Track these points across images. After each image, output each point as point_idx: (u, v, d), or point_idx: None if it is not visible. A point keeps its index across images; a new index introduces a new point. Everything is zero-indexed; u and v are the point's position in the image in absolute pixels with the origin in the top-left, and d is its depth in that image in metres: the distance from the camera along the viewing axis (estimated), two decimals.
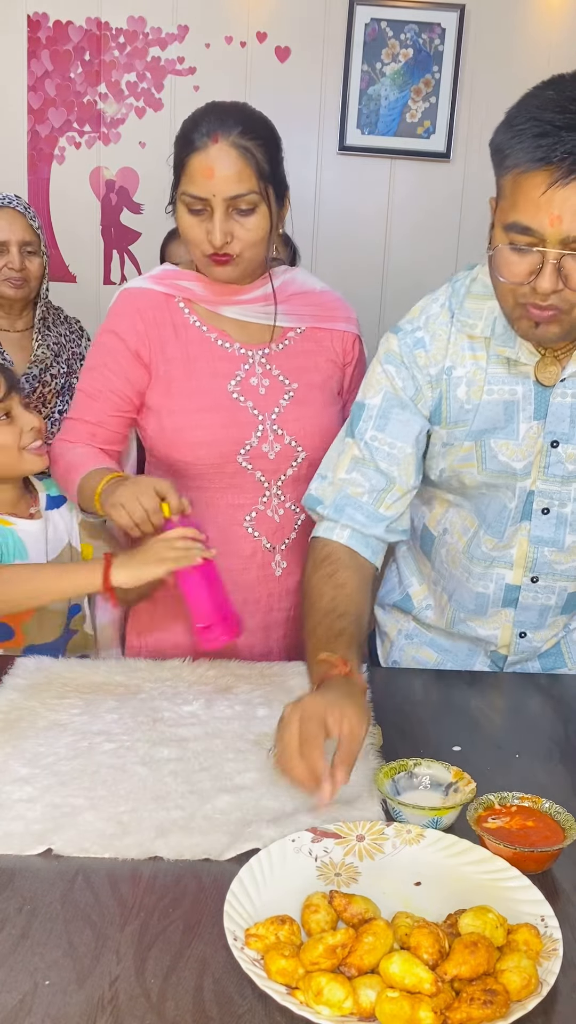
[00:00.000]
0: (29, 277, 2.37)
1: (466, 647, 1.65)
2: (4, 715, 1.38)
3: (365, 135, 3.55)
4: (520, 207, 1.20)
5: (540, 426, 1.42)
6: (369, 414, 1.47)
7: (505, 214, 1.23)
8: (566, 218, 1.17)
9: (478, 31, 3.46)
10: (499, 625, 1.59)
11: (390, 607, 1.75)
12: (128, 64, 3.52)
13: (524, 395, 1.42)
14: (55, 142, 3.57)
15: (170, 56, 3.51)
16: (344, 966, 0.88)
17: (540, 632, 1.59)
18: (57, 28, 3.48)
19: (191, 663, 1.57)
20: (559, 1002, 0.88)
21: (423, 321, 1.45)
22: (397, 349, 1.46)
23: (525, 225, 1.20)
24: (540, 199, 1.18)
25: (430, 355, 1.43)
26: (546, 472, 1.44)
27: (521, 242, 1.22)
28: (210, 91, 3.54)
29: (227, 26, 3.49)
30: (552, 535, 1.48)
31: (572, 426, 1.42)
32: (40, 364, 2.40)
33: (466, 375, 1.43)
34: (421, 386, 1.44)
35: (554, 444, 1.43)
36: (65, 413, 2.01)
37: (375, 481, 1.46)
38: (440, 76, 3.48)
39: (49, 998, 0.87)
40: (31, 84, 3.52)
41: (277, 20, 3.50)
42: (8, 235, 2.35)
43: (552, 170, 1.16)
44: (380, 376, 1.47)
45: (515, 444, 1.43)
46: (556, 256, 1.20)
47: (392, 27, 3.45)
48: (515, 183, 1.21)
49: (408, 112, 3.53)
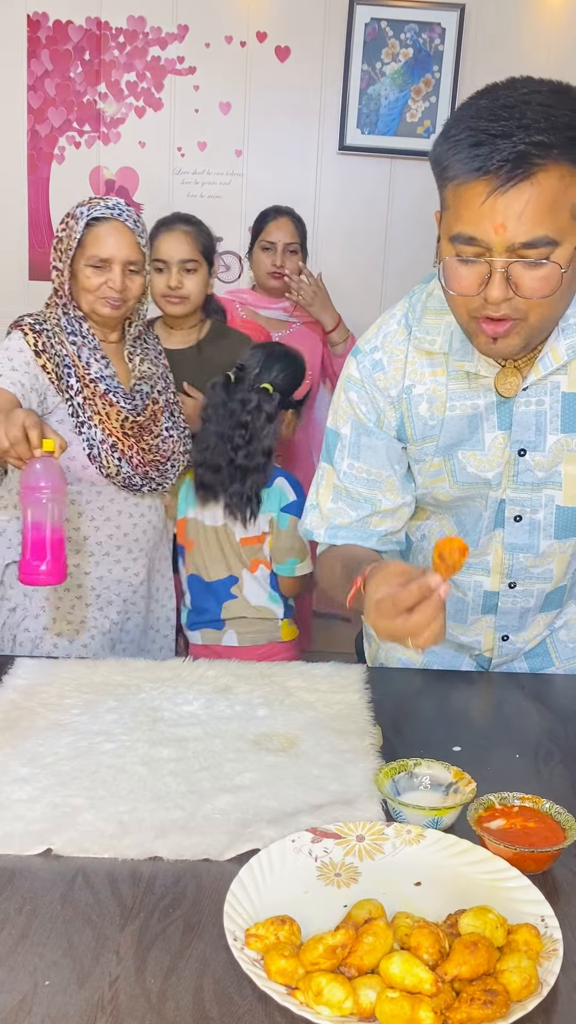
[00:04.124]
0: (128, 297, 2.03)
1: (452, 648, 1.66)
2: (4, 715, 1.38)
3: (365, 135, 3.55)
4: (464, 218, 1.19)
5: (506, 436, 1.41)
6: (343, 444, 1.48)
7: (450, 226, 1.22)
8: (510, 225, 1.16)
9: (478, 31, 3.46)
10: (481, 631, 1.59)
11: None
12: (128, 64, 3.52)
13: (487, 407, 1.40)
14: (55, 142, 3.58)
15: (170, 56, 3.51)
16: (344, 966, 0.88)
17: (522, 633, 1.59)
18: (57, 28, 3.48)
19: (191, 663, 1.57)
20: (559, 1002, 0.88)
21: (380, 341, 1.45)
22: (357, 374, 1.45)
23: (470, 235, 1.19)
24: (482, 208, 1.16)
25: (388, 376, 1.43)
26: (515, 480, 1.44)
27: (467, 253, 1.20)
28: (210, 91, 3.55)
29: (227, 26, 3.50)
30: (526, 541, 1.48)
31: (538, 434, 1.40)
32: (149, 380, 2.12)
33: (426, 392, 1.42)
34: (383, 409, 1.44)
35: (521, 452, 1.42)
36: (171, 431, 2.12)
37: (360, 509, 1.49)
38: (440, 76, 3.49)
39: (49, 998, 0.87)
40: (31, 84, 3.52)
41: (277, 20, 3.50)
42: (113, 251, 1.99)
43: (491, 179, 1.15)
44: (345, 405, 1.48)
45: (483, 455, 1.43)
46: (503, 264, 1.18)
47: (392, 27, 3.45)
48: (456, 194, 1.20)
49: (408, 112, 3.53)
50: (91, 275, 1.94)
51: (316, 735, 1.35)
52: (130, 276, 1.97)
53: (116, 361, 2.07)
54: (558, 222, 1.16)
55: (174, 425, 2.16)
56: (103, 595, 2.08)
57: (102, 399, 1.97)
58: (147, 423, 2.06)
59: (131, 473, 1.99)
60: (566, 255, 1.18)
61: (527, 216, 1.15)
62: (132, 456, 1.99)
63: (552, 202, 1.15)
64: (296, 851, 1.05)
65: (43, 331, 1.93)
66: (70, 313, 1.98)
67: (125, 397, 2.02)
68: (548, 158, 1.13)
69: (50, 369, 1.90)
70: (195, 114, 3.56)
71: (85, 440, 1.94)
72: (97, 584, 2.07)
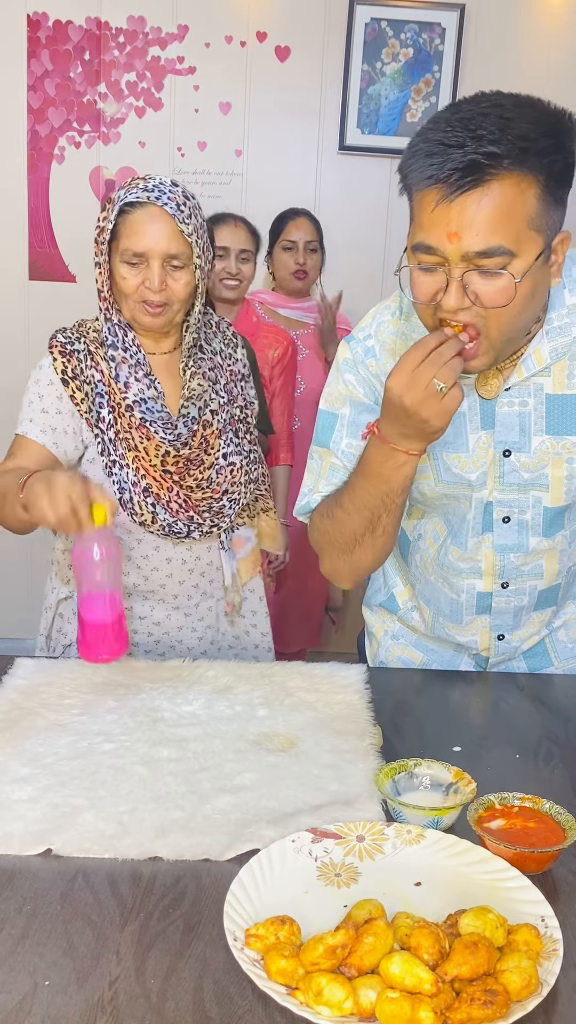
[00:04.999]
0: (171, 300, 1.65)
1: (451, 647, 1.66)
2: (4, 715, 1.38)
3: (365, 135, 3.55)
4: (423, 227, 1.20)
5: (489, 436, 1.41)
6: (342, 423, 1.48)
7: (412, 235, 1.23)
8: (464, 235, 1.17)
9: (478, 31, 3.46)
10: (476, 632, 1.59)
11: (376, 607, 1.76)
12: (128, 64, 3.52)
13: (469, 406, 1.41)
14: (55, 142, 3.58)
15: (170, 56, 3.51)
16: (344, 966, 0.88)
17: (518, 632, 1.59)
18: (57, 28, 3.48)
19: (191, 663, 1.57)
20: (559, 1002, 0.88)
21: (374, 329, 1.46)
22: (351, 356, 1.47)
23: (428, 244, 1.20)
24: (433, 215, 1.18)
25: (380, 364, 1.44)
26: (502, 482, 1.44)
27: (427, 262, 1.22)
28: (210, 91, 3.55)
29: (227, 26, 3.50)
30: (516, 541, 1.48)
31: (522, 435, 1.40)
32: (199, 400, 1.75)
33: None
34: (378, 390, 1.44)
35: (506, 453, 1.42)
36: (229, 457, 1.77)
37: None
38: (440, 76, 3.49)
39: (49, 998, 0.87)
40: (31, 84, 3.52)
41: (277, 20, 3.50)
42: (149, 244, 1.61)
43: (441, 187, 1.16)
44: (342, 387, 1.48)
45: (467, 456, 1.43)
46: (459, 273, 1.19)
47: (392, 27, 3.45)
48: (416, 204, 1.22)
49: (408, 112, 3.53)
50: (126, 274, 1.63)
51: (316, 735, 1.35)
52: (172, 273, 1.63)
53: (166, 378, 1.74)
54: (513, 233, 1.17)
55: (237, 449, 1.79)
56: (163, 640, 1.84)
57: (138, 431, 1.68)
58: (195, 454, 1.72)
59: (171, 520, 1.70)
60: (522, 266, 1.19)
61: (480, 225, 1.16)
62: (171, 500, 1.70)
63: (506, 212, 1.16)
64: (296, 851, 1.05)
65: (74, 352, 1.68)
66: (112, 320, 1.69)
67: (166, 426, 1.69)
68: (500, 168, 1.15)
69: (79, 399, 1.67)
70: (195, 114, 3.56)
71: (115, 483, 1.67)
72: (155, 630, 1.83)
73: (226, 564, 1.83)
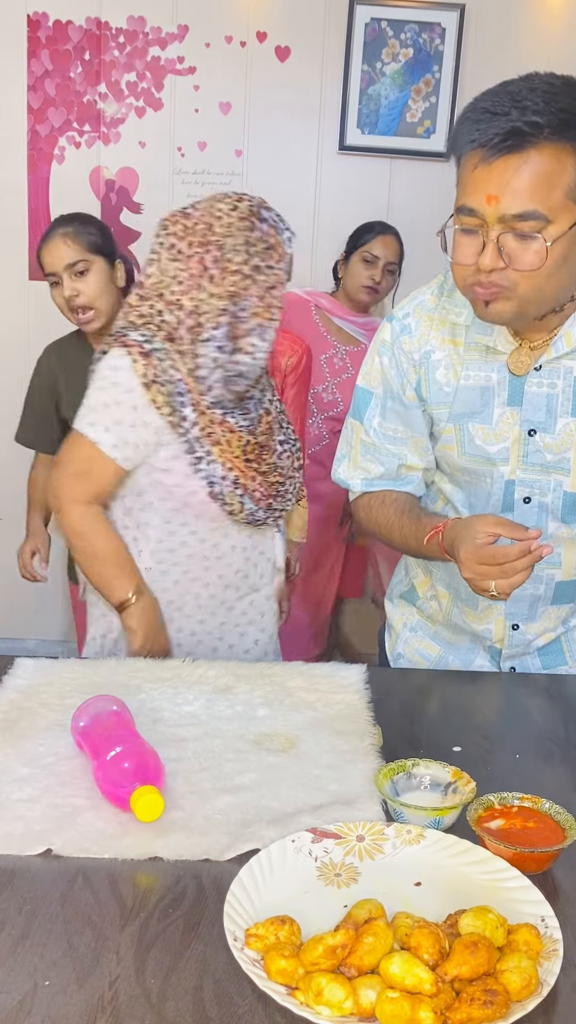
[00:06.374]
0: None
1: (467, 640, 1.67)
2: (4, 715, 1.38)
3: (365, 135, 3.55)
4: (466, 191, 1.29)
5: (515, 413, 1.47)
6: (375, 403, 1.58)
7: (456, 200, 1.31)
8: (503, 197, 1.24)
9: (478, 31, 3.46)
10: (491, 619, 1.61)
11: (397, 599, 1.79)
12: (128, 64, 3.52)
13: (499, 381, 1.47)
14: (55, 142, 3.58)
15: (170, 56, 3.51)
16: (344, 966, 0.88)
17: (533, 625, 1.60)
18: (57, 28, 3.48)
19: (191, 663, 1.57)
20: (559, 1002, 0.88)
21: (412, 307, 1.54)
22: (388, 338, 1.55)
23: (469, 207, 1.28)
24: (477, 179, 1.26)
25: (414, 340, 1.52)
26: (525, 461, 1.48)
27: (467, 223, 1.30)
28: (210, 91, 3.55)
29: (227, 26, 3.49)
30: (535, 523, 1.51)
31: (548, 415, 1.46)
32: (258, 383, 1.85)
33: (444, 359, 1.50)
34: (406, 371, 1.53)
35: (531, 432, 1.47)
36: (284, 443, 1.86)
37: (387, 464, 1.60)
38: (440, 76, 3.49)
39: (49, 998, 0.87)
40: (31, 84, 3.52)
41: (277, 20, 3.50)
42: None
43: (483, 151, 1.25)
44: (377, 368, 1.57)
45: (490, 428, 1.49)
46: (495, 235, 1.26)
47: (392, 27, 3.45)
48: (461, 168, 1.30)
49: (408, 112, 3.53)
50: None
51: (316, 735, 1.35)
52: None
53: None
54: (550, 200, 1.24)
55: (287, 436, 1.87)
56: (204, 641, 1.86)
57: (221, 426, 1.72)
58: (265, 440, 1.80)
59: (254, 508, 1.76)
60: (556, 232, 1.26)
61: (518, 189, 1.24)
62: (255, 489, 1.76)
63: (544, 179, 1.24)
64: (296, 851, 1.05)
65: (153, 352, 1.66)
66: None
67: (243, 414, 1.76)
68: (540, 136, 1.22)
69: (160, 403, 1.66)
70: (195, 114, 3.56)
71: (204, 477, 1.71)
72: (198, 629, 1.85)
73: (279, 546, 1.90)
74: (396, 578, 1.82)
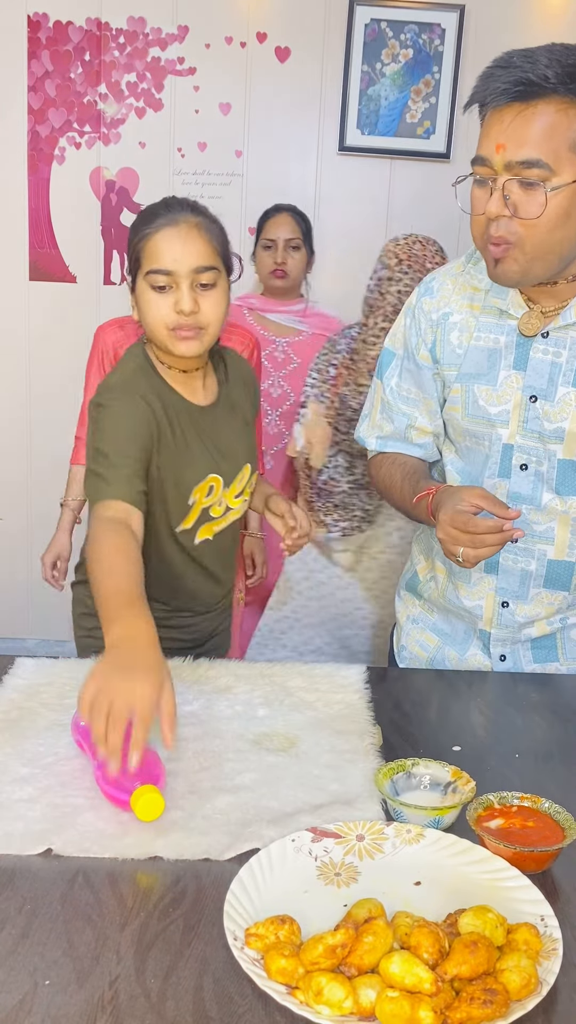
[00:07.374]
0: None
1: (461, 628, 1.68)
2: (4, 715, 1.38)
3: (365, 135, 3.55)
4: (479, 141, 1.36)
5: (519, 377, 1.51)
6: (396, 363, 1.66)
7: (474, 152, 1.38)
8: (509, 145, 1.31)
9: (478, 31, 3.46)
10: (483, 595, 1.62)
11: (404, 592, 1.83)
12: (128, 64, 3.52)
13: (507, 344, 1.52)
14: (55, 142, 3.58)
15: (170, 56, 3.51)
16: (344, 966, 0.88)
17: (524, 606, 1.60)
18: (57, 28, 3.48)
19: (191, 663, 1.57)
20: (559, 1002, 0.88)
21: (440, 272, 1.62)
22: (414, 300, 1.63)
23: (481, 156, 1.35)
24: (487, 129, 1.34)
25: (434, 301, 1.59)
26: (525, 427, 1.52)
27: (479, 172, 1.36)
28: (210, 92, 3.55)
29: (227, 26, 3.50)
30: (530, 492, 1.54)
31: (550, 383, 1.49)
32: None
33: (460, 321, 1.56)
34: (424, 331, 1.60)
35: (532, 399, 1.51)
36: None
37: (398, 423, 1.68)
38: (440, 76, 3.49)
39: (49, 998, 0.87)
40: (31, 84, 3.52)
41: (277, 20, 3.50)
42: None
43: (492, 101, 1.31)
44: (400, 330, 1.65)
45: (493, 390, 1.53)
46: (502, 182, 1.33)
47: (392, 27, 3.46)
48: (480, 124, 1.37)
49: (408, 112, 3.53)
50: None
51: (316, 735, 1.35)
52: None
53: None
54: (553, 150, 1.30)
55: None
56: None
57: None
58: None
59: None
60: (559, 183, 1.31)
61: (524, 137, 1.30)
62: None
63: (548, 130, 1.30)
64: (296, 851, 1.05)
65: None
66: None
67: None
68: (546, 87, 1.28)
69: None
70: (195, 115, 3.56)
71: None
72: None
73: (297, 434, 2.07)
74: (403, 572, 1.87)
